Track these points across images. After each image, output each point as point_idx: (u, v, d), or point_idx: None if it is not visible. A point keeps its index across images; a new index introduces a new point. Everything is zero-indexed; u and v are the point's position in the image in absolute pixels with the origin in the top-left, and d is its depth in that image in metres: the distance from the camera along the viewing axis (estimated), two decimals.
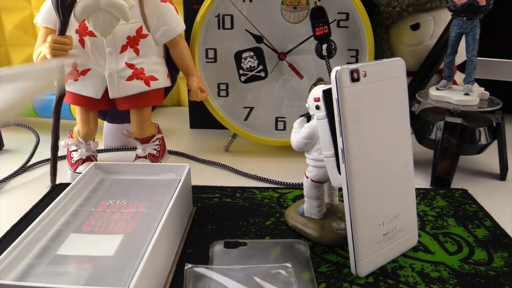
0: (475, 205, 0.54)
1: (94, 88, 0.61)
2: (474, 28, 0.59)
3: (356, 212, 0.39)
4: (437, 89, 0.63)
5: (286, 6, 0.67)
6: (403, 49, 0.78)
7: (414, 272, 0.42)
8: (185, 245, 0.45)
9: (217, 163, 0.67)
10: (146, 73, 0.61)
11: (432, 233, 0.48)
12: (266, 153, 0.72)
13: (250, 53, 0.69)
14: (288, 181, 0.60)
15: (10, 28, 0.96)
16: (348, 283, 0.40)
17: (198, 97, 0.65)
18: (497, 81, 0.78)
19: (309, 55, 0.68)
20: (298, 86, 0.70)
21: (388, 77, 0.40)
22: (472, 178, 0.63)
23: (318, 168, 0.44)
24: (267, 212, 0.52)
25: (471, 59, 0.60)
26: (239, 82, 0.71)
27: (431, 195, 0.57)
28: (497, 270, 0.42)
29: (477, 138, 0.61)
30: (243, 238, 0.47)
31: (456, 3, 0.58)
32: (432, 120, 0.62)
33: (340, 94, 0.37)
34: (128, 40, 0.59)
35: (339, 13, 0.67)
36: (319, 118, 0.41)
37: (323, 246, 0.46)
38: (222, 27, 0.69)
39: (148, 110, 0.64)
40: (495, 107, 0.59)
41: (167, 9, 0.62)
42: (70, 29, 0.56)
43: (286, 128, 0.72)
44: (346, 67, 0.37)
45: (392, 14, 0.75)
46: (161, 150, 0.66)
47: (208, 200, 0.55)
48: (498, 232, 0.48)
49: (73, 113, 0.75)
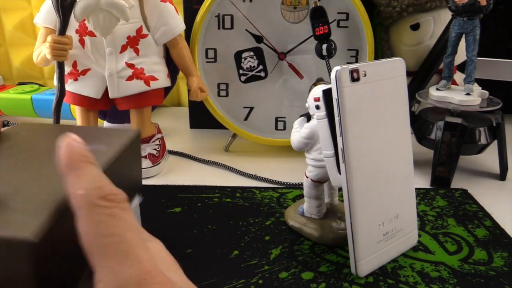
0: (475, 205, 0.54)
1: (94, 88, 0.61)
2: (474, 28, 0.59)
3: (356, 212, 0.39)
4: (437, 89, 0.63)
5: (286, 6, 0.67)
6: (403, 49, 0.78)
7: (414, 272, 0.42)
8: (183, 245, 0.45)
9: (217, 163, 0.67)
10: (146, 73, 0.61)
11: (432, 233, 0.48)
12: (266, 153, 0.72)
13: (250, 53, 0.69)
14: (288, 181, 0.60)
15: (10, 28, 0.96)
16: (348, 283, 0.40)
17: (198, 97, 0.65)
18: (497, 81, 0.78)
19: (309, 55, 0.68)
20: (298, 86, 0.70)
21: (388, 77, 0.40)
22: (472, 178, 0.63)
23: (318, 168, 0.44)
24: (267, 212, 0.52)
25: (472, 59, 0.60)
26: (239, 82, 0.71)
27: (431, 195, 0.57)
28: (497, 270, 0.42)
29: (477, 138, 0.61)
30: (243, 238, 0.47)
31: (458, 3, 0.58)
32: (432, 120, 0.62)
33: (340, 94, 0.37)
34: (128, 40, 0.59)
35: (339, 13, 0.67)
36: (319, 118, 0.41)
37: (323, 246, 0.46)
38: (222, 27, 0.69)
39: (148, 110, 0.64)
40: (495, 107, 0.60)
41: (167, 9, 0.62)
42: (70, 29, 0.56)
43: (286, 128, 0.72)
44: (346, 67, 0.37)
45: (392, 14, 0.75)
46: (161, 150, 0.66)
47: (207, 200, 0.55)
48: (498, 232, 0.48)
49: (73, 113, 0.75)
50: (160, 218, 0.51)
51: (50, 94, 0.81)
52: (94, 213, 0.20)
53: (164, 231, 0.48)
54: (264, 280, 0.40)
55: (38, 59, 0.59)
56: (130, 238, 0.20)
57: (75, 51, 0.58)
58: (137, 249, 0.20)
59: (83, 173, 0.21)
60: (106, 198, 0.20)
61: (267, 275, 0.41)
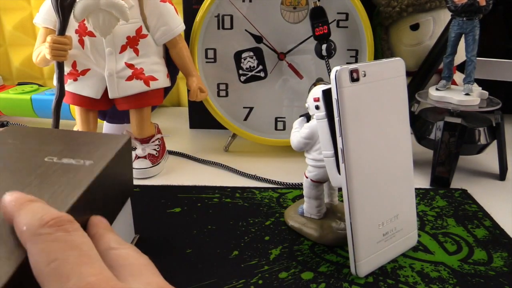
0: (475, 205, 0.54)
1: (94, 88, 0.61)
2: (474, 28, 0.59)
3: (356, 212, 0.39)
4: (437, 89, 0.63)
5: (285, 6, 0.67)
6: (403, 49, 0.78)
7: (414, 272, 0.42)
8: (183, 245, 0.45)
9: (217, 163, 0.67)
10: (145, 73, 0.61)
11: (432, 233, 0.48)
12: (266, 153, 0.72)
13: (250, 53, 0.69)
14: (287, 181, 0.60)
15: (9, 28, 0.96)
16: (347, 283, 0.40)
17: (198, 97, 0.65)
18: (497, 81, 0.78)
19: (309, 55, 0.68)
20: (298, 86, 0.70)
21: (387, 77, 0.40)
22: (472, 178, 0.63)
23: (317, 168, 0.44)
24: (266, 212, 0.52)
25: (471, 59, 0.60)
26: (239, 82, 0.71)
27: (431, 195, 0.57)
28: (496, 270, 0.42)
29: (476, 138, 0.61)
30: (243, 238, 0.47)
31: (457, 3, 0.58)
32: (432, 120, 0.62)
33: (339, 94, 0.37)
34: (127, 40, 0.59)
35: (338, 13, 0.67)
36: (318, 118, 0.41)
37: (323, 246, 0.46)
38: (222, 27, 0.69)
39: (147, 110, 0.64)
40: (494, 107, 0.60)
41: (166, 9, 0.62)
42: (69, 29, 0.56)
43: (285, 128, 0.72)
44: (345, 67, 0.37)
45: (392, 14, 0.75)
46: (160, 150, 0.66)
47: (207, 200, 0.55)
48: (498, 232, 0.48)
49: (72, 113, 0.75)
50: (160, 218, 0.51)
51: (50, 94, 0.81)
52: (38, 242, 0.21)
53: (164, 231, 0.48)
54: (264, 280, 0.40)
55: (37, 59, 0.59)
56: (72, 258, 0.20)
57: (75, 51, 0.58)
58: (80, 267, 0.20)
59: (24, 211, 0.22)
60: (47, 225, 0.21)
61: (267, 275, 0.41)
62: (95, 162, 0.34)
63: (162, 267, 0.24)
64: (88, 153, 0.35)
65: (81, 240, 0.22)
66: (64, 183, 0.30)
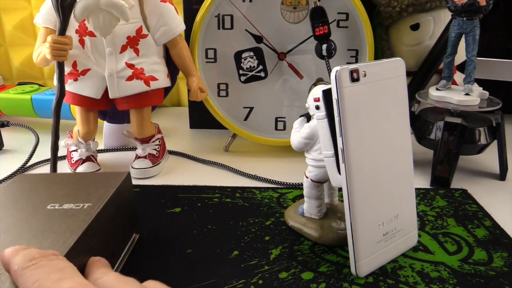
0: (475, 205, 0.54)
1: (94, 88, 0.61)
2: (474, 28, 0.59)
3: (356, 212, 0.39)
4: (437, 89, 0.63)
5: (286, 6, 0.67)
6: (403, 49, 0.78)
7: (414, 272, 0.42)
8: (183, 245, 0.45)
9: (217, 163, 0.67)
10: (146, 73, 0.61)
11: (432, 233, 0.48)
12: (266, 153, 0.72)
13: (250, 53, 0.69)
14: (288, 181, 0.60)
15: (10, 28, 0.96)
16: (348, 283, 0.40)
17: (198, 97, 0.65)
18: (497, 81, 0.78)
19: (309, 55, 0.68)
20: (298, 86, 0.70)
21: (388, 77, 0.40)
22: (472, 178, 0.63)
23: (318, 168, 0.44)
24: (267, 212, 0.52)
25: (471, 59, 0.60)
26: (239, 82, 0.71)
27: (431, 195, 0.57)
28: (497, 270, 0.42)
29: (476, 138, 0.61)
30: (243, 238, 0.47)
31: (457, 3, 0.58)
32: (432, 120, 0.62)
33: (340, 94, 0.37)
34: (128, 40, 0.59)
35: (339, 13, 0.67)
36: (319, 118, 0.41)
37: (323, 246, 0.46)
38: (222, 27, 0.69)
39: (148, 110, 0.64)
40: (494, 107, 0.60)
41: (166, 9, 0.62)
42: (70, 29, 0.56)
43: (286, 128, 0.72)
44: (346, 67, 0.37)
45: (392, 14, 0.75)
46: (161, 150, 0.66)
47: (207, 200, 0.55)
48: (498, 232, 0.48)
49: (73, 113, 0.75)
50: (160, 218, 0.51)
51: (50, 94, 0.81)
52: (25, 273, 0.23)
53: (164, 231, 0.48)
54: (264, 280, 0.40)
55: (38, 59, 0.59)
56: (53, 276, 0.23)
57: (75, 51, 0.58)
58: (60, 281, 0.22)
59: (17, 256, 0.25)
60: (34, 258, 0.24)
61: (267, 275, 0.41)
62: (93, 204, 0.36)
63: (162, 267, 0.24)
64: (88, 196, 0.37)
65: (64, 265, 0.24)
66: (63, 229, 0.32)
